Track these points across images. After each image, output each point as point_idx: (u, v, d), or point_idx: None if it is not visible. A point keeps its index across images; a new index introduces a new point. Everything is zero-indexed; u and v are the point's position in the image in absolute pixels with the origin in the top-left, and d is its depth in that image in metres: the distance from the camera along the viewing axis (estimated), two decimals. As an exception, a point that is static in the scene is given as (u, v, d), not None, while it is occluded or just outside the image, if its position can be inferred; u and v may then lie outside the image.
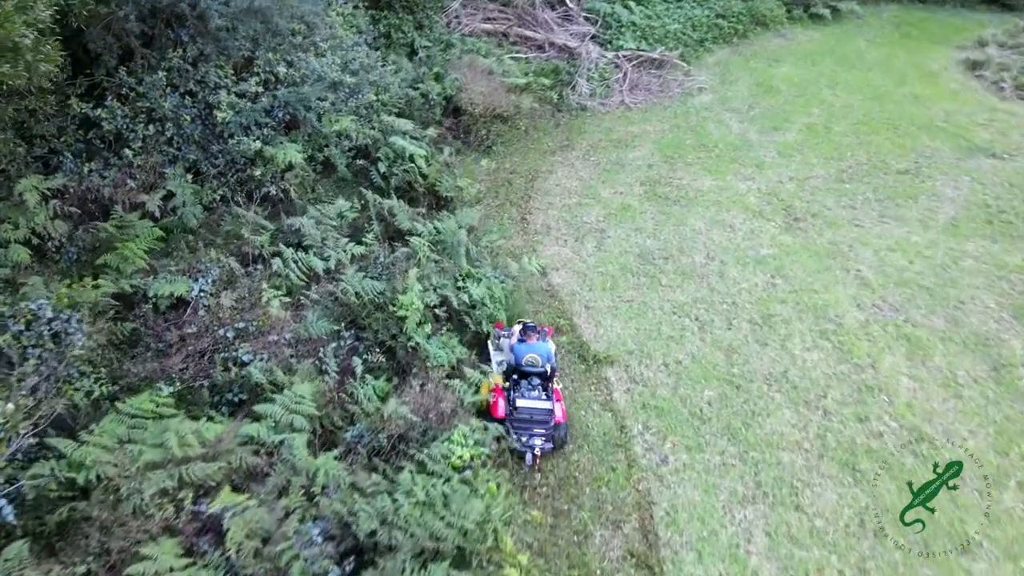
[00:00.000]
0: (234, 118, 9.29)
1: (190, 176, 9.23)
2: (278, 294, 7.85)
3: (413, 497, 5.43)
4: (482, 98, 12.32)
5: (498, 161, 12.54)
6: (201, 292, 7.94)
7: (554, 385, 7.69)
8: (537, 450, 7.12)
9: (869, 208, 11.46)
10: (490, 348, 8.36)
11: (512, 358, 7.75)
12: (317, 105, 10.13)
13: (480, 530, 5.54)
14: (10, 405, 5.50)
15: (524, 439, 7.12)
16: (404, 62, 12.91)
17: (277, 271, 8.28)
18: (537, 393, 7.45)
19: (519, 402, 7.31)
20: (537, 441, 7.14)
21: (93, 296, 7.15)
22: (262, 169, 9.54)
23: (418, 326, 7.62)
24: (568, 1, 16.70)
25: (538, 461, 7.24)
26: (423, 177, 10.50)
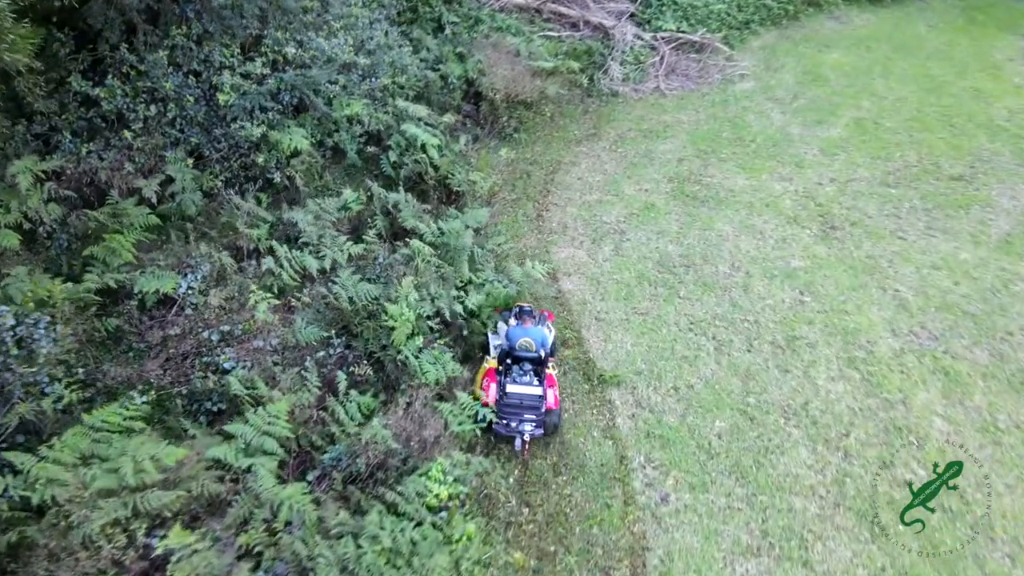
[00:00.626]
0: (237, 101, 8.84)
1: (191, 160, 8.83)
2: (267, 296, 7.43)
3: (379, 544, 5.03)
4: (504, 83, 11.57)
5: (518, 150, 11.86)
6: (189, 289, 7.60)
7: (548, 370, 7.43)
8: (527, 436, 6.99)
9: (915, 218, 10.52)
10: (488, 335, 8.07)
11: (507, 343, 7.47)
12: (327, 88, 9.61)
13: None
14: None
15: (514, 424, 7.00)
16: (428, 39, 12.20)
17: (270, 270, 7.88)
18: (528, 379, 7.25)
19: (509, 387, 7.14)
20: (527, 427, 7.00)
21: (73, 293, 6.87)
22: (266, 155, 9.12)
23: (408, 338, 7.17)
24: (607, -25, 15.71)
25: (527, 447, 7.05)
26: (435, 169, 9.92)
